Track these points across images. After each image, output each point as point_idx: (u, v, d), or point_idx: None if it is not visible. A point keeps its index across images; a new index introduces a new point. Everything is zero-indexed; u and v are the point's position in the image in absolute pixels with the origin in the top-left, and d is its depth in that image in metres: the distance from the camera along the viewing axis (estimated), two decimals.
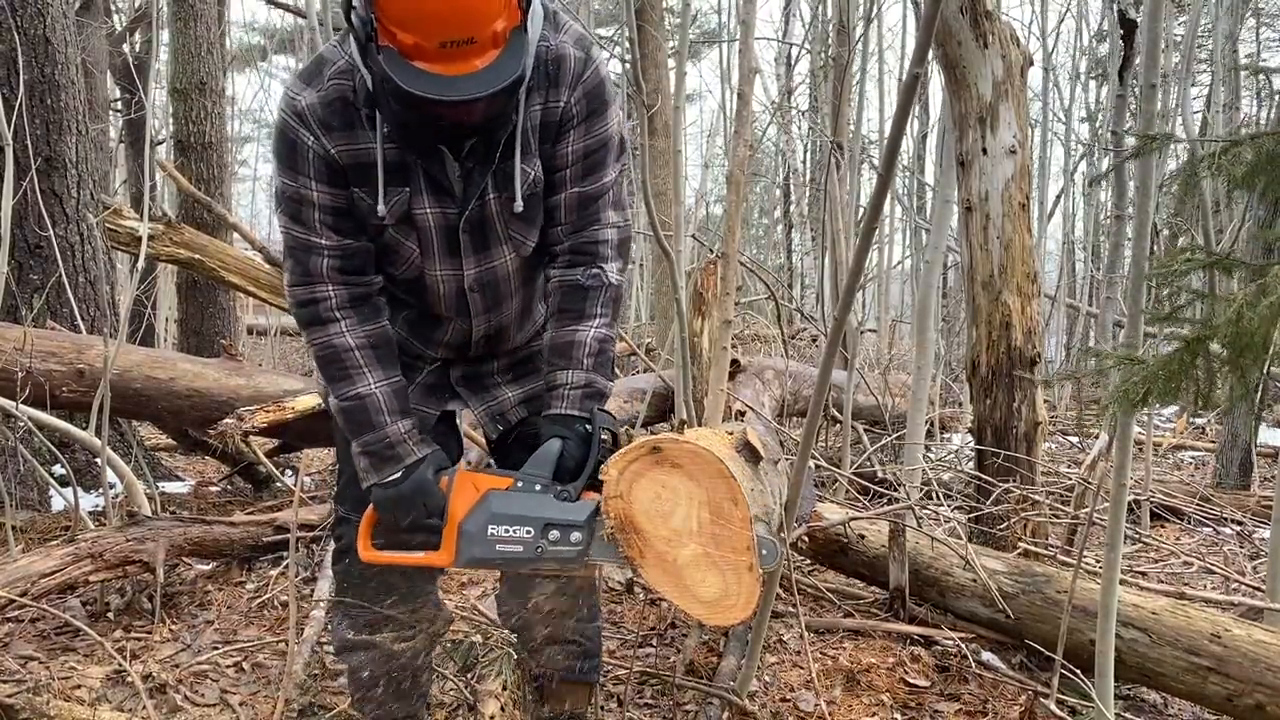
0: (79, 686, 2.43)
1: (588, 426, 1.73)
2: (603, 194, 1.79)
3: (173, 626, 2.87)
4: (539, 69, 1.68)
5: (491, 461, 2.05)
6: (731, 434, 1.79)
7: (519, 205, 1.71)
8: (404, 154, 1.67)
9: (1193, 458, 7.07)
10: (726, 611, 1.58)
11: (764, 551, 1.56)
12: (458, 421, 2.03)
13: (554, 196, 1.78)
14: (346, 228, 1.72)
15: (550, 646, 2.05)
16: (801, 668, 2.74)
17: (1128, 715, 2.60)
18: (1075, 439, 7.09)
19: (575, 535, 1.62)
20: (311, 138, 1.65)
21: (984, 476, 3.52)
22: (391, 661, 1.93)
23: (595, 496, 1.64)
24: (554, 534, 1.62)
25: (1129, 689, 2.79)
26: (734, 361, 5.34)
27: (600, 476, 1.62)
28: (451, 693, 2.45)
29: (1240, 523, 4.53)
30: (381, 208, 1.67)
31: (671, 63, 8.35)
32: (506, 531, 1.63)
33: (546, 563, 1.64)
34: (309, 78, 1.67)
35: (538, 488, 1.65)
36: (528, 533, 1.62)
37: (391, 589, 1.89)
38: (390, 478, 1.72)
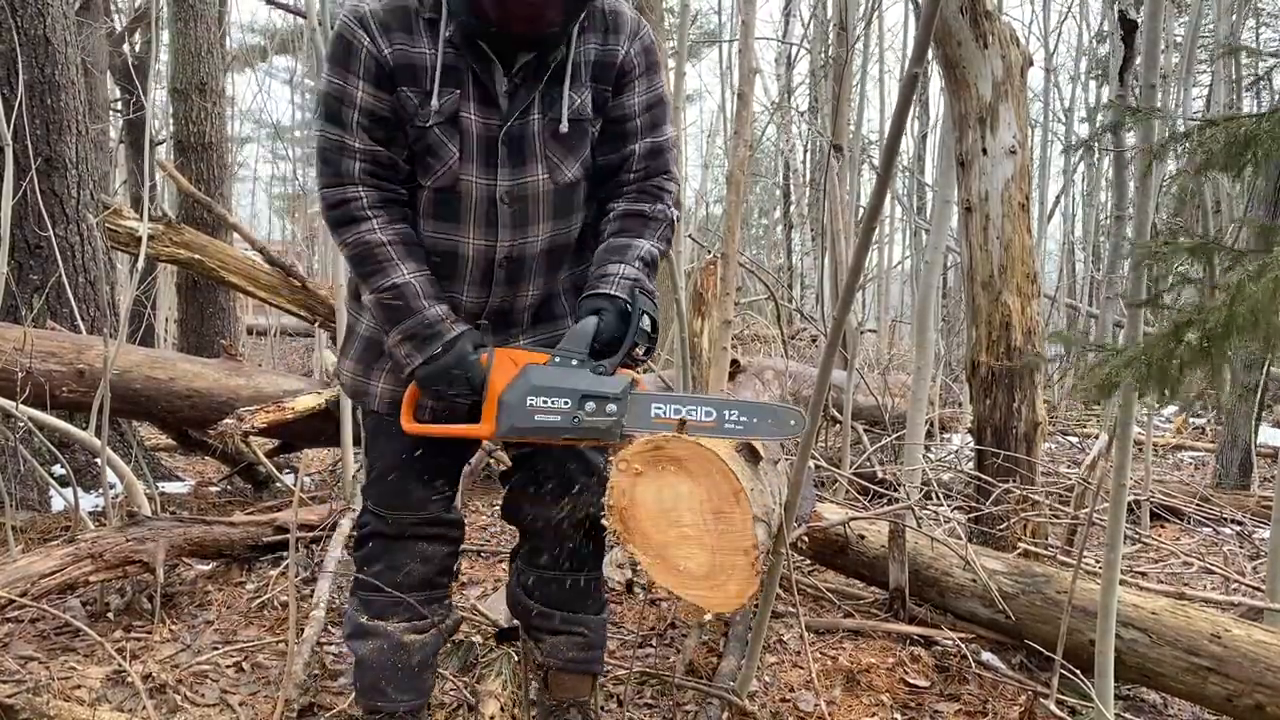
0: (79, 686, 2.43)
1: (627, 307, 1.80)
2: (669, 149, 1.93)
3: (173, 626, 2.87)
4: (595, 15, 1.81)
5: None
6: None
7: (564, 125, 1.80)
8: (459, 60, 1.76)
9: (1192, 458, 7.07)
10: (725, 605, 1.64)
11: (794, 420, 1.70)
12: None
13: (626, 147, 1.89)
14: (380, 135, 1.79)
15: (555, 636, 2.09)
16: (801, 668, 2.74)
17: (1128, 715, 2.60)
18: (1075, 439, 7.09)
19: (611, 407, 1.69)
20: (368, 39, 1.74)
21: (984, 477, 3.52)
22: (400, 652, 1.97)
23: (630, 373, 1.73)
24: (590, 405, 1.69)
25: (1129, 689, 2.79)
26: (734, 361, 5.33)
27: (637, 355, 1.75)
28: (451, 693, 2.45)
29: (1240, 523, 4.53)
30: (436, 102, 1.75)
31: (671, 63, 8.34)
32: (545, 403, 1.70)
33: (583, 432, 1.71)
34: None
35: (574, 362, 1.72)
36: (565, 403, 1.69)
37: (410, 577, 1.96)
38: (432, 354, 1.79)
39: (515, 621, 2.24)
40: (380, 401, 1.96)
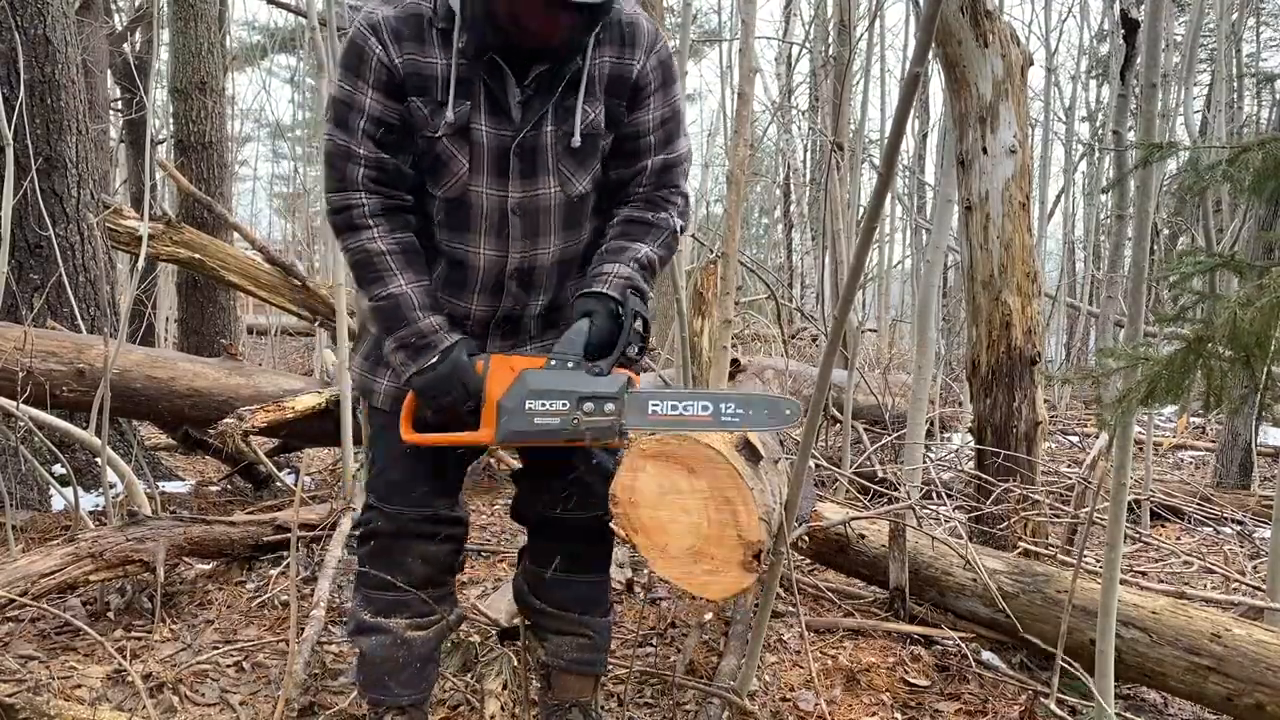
0: (79, 686, 2.43)
1: (618, 307, 1.81)
2: (681, 163, 1.94)
3: (173, 626, 2.87)
4: (612, 27, 1.80)
5: None
6: (732, 433, 1.80)
7: (577, 140, 1.80)
8: (471, 71, 1.76)
9: (1193, 457, 7.07)
10: (723, 594, 1.70)
11: (787, 411, 1.71)
12: None
13: (639, 163, 1.90)
14: (388, 141, 1.80)
15: (560, 637, 2.11)
16: (801, 667, 2.74)
17: (1128, 715, 2.60)
18: (1075, 438, 7.09)
19: (609, 406, 1.71)
20: (380, 47, 1.74)
21: (984, 476, 3.52)
22: (403, 647, 1.99)
23: (625, 372, 1.75)
24: (588, 406, 1.71)
25: (1129, 688, 2.78)
26: (734, 361, 5.32)
27: (631, 355, 1.76)
28: (452, 692, 2.45)
29: (1240, 522, 4.52)
30: (451, 114, 1.75)
31: None
32: (543, 405, 1.71)
33: (583, 433, 1.73)
34: None
35: (570, 365, 1.74)
36: (563, 405, 1.71)
37: (412, 574, 1.97)
38: (428, 364, 1.80)
39: (516, 620, 2.25)
40: (384, 398, 1.97)
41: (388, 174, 1.82)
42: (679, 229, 1.93)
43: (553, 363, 1.74)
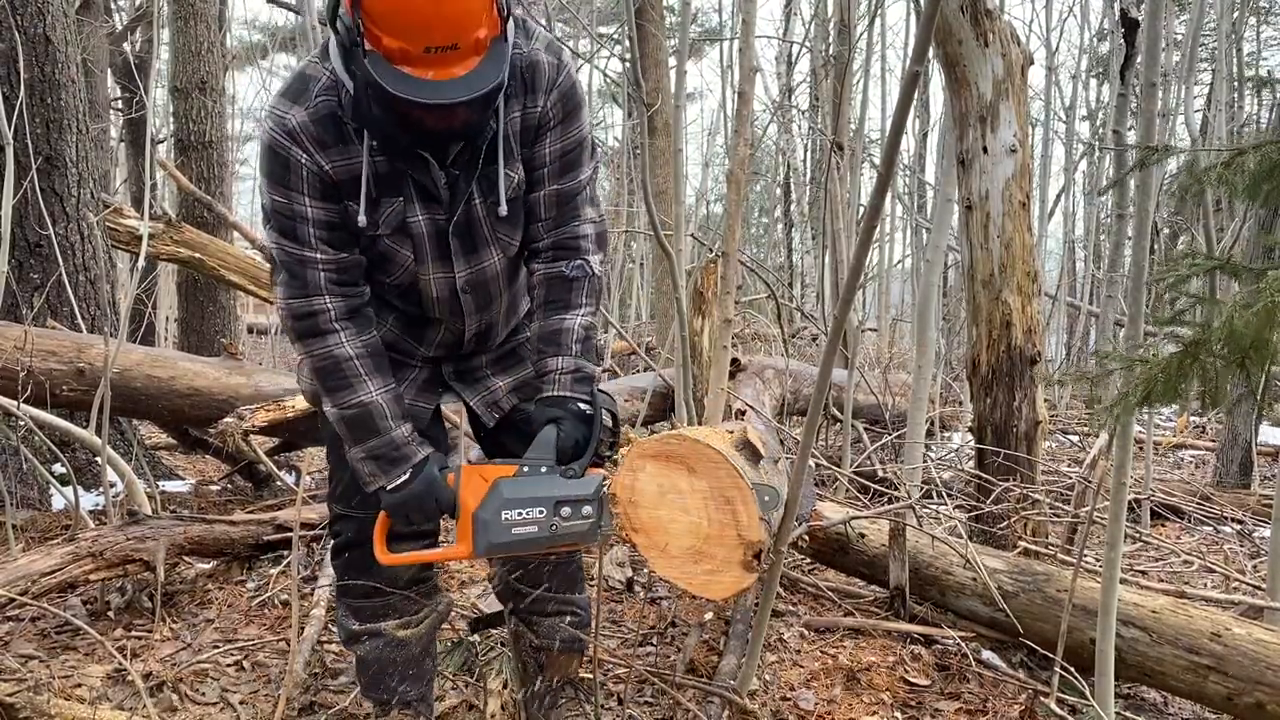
0: (79, 685, 2.43)
1: (582, 406, 1.80)
2: (580, 191, 1.87)
3: (173, 625, 2.87)
4: (515, 76, 1.73)
5: (483, 454, 2.12)
6: (731, 433, 1.80)
7: (504, 210, 1.78)
8: (394, 164, 1.72)
9: (1193, 457, 7.07)
10: (724, 593, 1.69)
11: (765, 498, 1.66)
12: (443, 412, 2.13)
13: (533, 194, 1.85)
14: (339, 241, 1.76)
15: (550, 618, 2.15)
16: (802, 666, 2.74)
17: (1128, 714, 2.60)
18: (1075, 438, 7.09)
19: (586, 509, 1.70)
20: (305, 155, 1.68)
21: (984, 475, 3.52)
22: (397, 647, 2.01)
23: (599, 472, 1.73)
24: (566, 510, 1.69)
25: (1129, 687, 2.78)
26: (734, 360, 5.34)
27: (603, 453, 1.74)
28: (453, 692, 2.45)
29: (1240, 521, 4.53)
30: (363, 219, 1.71)
31: (672, 61, 8.35)
32: (520, 514, 1.69)
33: (562, 539, 1.71)
34: (295, 96, 1.69)
35: (543, 470, 1.71)
36: (540, 513, 1.69)
37: (392, 577, 1.97)
38: (399, 480, 1.77)
39: (494, 609, 2.27)
40: None
41: (348, 271, 1.78)
42: (594, 270, 1.87)
43: (525, 469, 1.71)
